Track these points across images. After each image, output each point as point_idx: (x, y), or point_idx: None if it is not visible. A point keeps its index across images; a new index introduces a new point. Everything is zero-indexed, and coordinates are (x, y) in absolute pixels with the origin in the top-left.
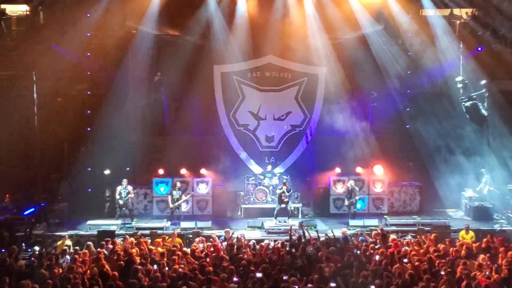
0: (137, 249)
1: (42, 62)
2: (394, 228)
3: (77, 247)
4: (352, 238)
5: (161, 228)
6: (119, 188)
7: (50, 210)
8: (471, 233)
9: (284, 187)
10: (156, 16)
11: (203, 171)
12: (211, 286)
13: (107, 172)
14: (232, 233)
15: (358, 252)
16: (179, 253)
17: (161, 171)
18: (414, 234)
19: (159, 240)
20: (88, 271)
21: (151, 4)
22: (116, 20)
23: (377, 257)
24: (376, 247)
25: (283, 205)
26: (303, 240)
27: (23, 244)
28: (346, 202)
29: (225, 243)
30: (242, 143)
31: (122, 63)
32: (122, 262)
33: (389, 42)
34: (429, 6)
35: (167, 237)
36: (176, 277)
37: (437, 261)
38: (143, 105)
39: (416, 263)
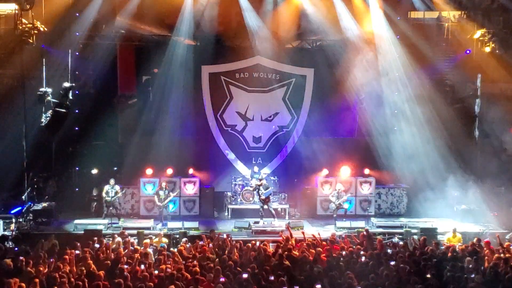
0: (123, 249)
1: (31, 61)
2: (381, 230)
3: (66, 247)
4: (338, 239)
5: (148, 228)
6: (106, 187)
7: (37, 209)
8: (458, 236)
9: (261, 182)
10: (145, 16)
11: (190, 171)
12: (198, 286)
13: (94, 171)
14: (219, 234)
15: (344, 253)
16: (166, 253)
17: (149, 171)
18: (401, 236)
19: (147, 241)
20: (75, 270)
21: (140, 4)
22: (105, 20)
23: (363, 259)
24: (362, 248)
25: (265, 206)
26: (289, 241)
27: (10, 242)
28: (333, 206)
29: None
30: (229, 143)
31: (111, 63)
32: (108, 262)
33: (377, 44)
34: (418, 8)
35: (153, 237)
36: (163, 277)
37: (424, 264)
38: (131, 105)
39: (402, 265)
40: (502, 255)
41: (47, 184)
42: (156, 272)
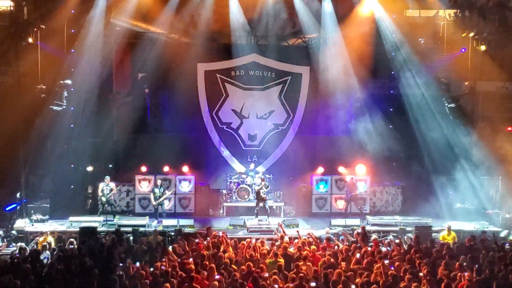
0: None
1: (26, 58)
2: (376, 228)
3: (60, 244)
4: (333, 237)
5: (143, 226)
6: (101, 185)
7: (32, 206)
8: (453, 234)
9: (263, 183)
10: (141, 13)
11: (185, 169)
12: (192, 284)
13: (89, 169)
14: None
15: (339, 250)
16: (161, 250)
17: (143, 169)
18: (395, 234)
19: (145, 238)
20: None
21: (136, 2)
22: (100, 17)
23: (358, 255)
24: (358, 246)
25: (261, 204)
26: (284, 239)
27: (5, 240)
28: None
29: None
30: (225, 141)
31: (106, 61)
32: (104, 259)
33: (373, 43)
34: (414, 7)
35: (149, 235)
36: (158, 275)
37: (418, 262)
38: (126, 103)
39: (397, 263)
40: (497, 253)
41: (42, 181)
42: (151, 269)
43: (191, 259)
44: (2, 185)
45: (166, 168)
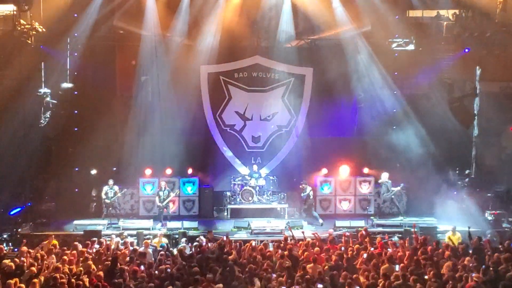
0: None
1: (29, 62)
2: (380, 229)
3: (64, 247)
4: (338, 239)
5: (147, 228)
6: (105, 188)
7: (36, 210)
8: (458, 235)
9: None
10: (143, 16)
11: (189, 171)
12: (197, 286)
13: (93, 172)
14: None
15: (344, 252)
16: (166, 253)
17: (148, 171)
18: (400, 235)
19: (148, 241)
20: (74, 270)
21: (138, 5)
22: (103, 20)
23: (365, 256)
24: (362, 247)
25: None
26: (290, 241)
27: (10, 243)
28: (388, 196)
29: (210, 244)
30: (228, 143)
31: (109, 64)
32: (108, 262)
33: (376, 43)
34: (417, 7)
35: (153, 238)
36: (163, 278)
37: (423, 263)
38: (129, 105)
39: (402, 264)
40: (502, 253)
41: (47, 185)
42: (156, 272)
43: (195, 262)
44: (6, 189)
45: (169, 171)
